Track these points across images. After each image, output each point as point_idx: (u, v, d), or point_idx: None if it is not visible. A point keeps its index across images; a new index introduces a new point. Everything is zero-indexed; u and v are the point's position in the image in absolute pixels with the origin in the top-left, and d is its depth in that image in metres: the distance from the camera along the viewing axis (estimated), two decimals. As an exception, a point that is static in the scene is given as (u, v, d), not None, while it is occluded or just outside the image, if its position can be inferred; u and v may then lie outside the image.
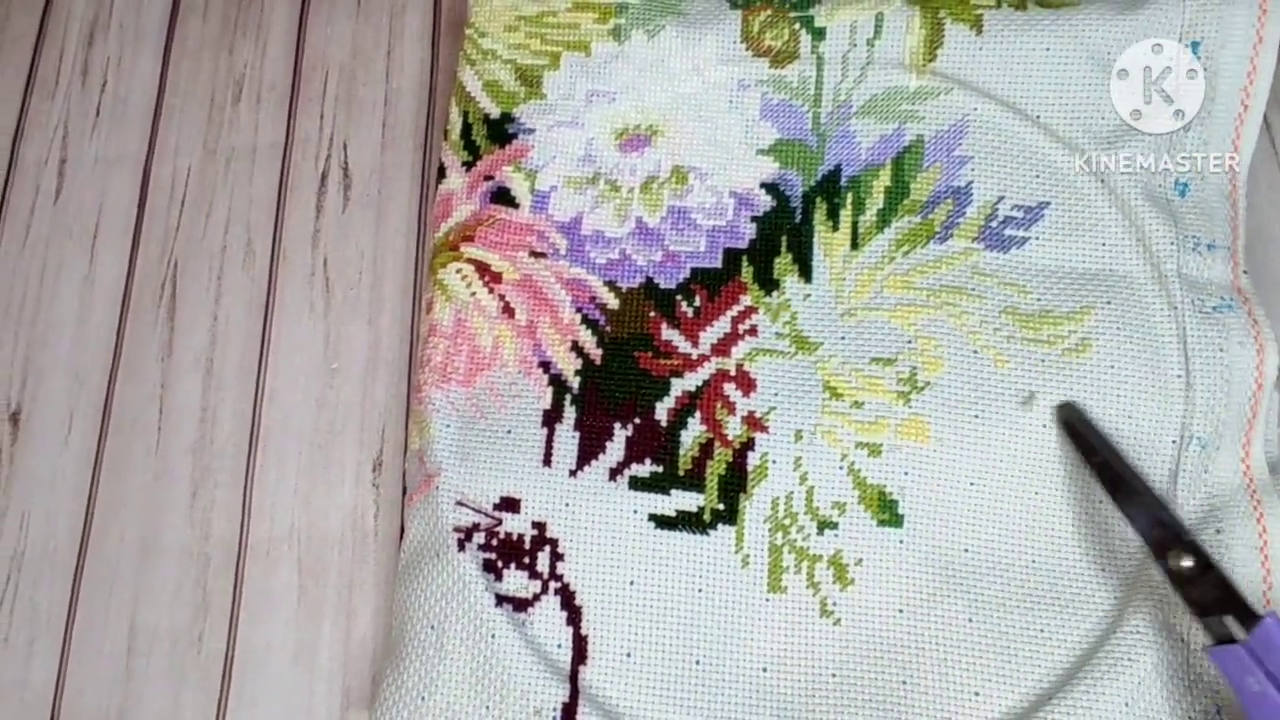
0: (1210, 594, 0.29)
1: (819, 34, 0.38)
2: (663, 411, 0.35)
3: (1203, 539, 0.32)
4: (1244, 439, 0.33)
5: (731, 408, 0.34)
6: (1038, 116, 0.36)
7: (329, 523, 0.37)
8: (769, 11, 0.38)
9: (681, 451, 0.34)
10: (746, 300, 0.36)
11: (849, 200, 0.37)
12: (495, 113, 0.39)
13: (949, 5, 0.37)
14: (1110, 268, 0.35)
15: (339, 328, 0.40)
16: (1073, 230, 0.35)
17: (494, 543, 0.34)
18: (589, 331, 0.36)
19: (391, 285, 0.40)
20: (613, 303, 0.36)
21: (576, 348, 0.36)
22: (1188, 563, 0.30)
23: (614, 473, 0.34)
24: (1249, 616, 0.28)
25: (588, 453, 0.34)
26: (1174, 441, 0.33)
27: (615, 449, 0.34)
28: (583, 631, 0.33)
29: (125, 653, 0.36)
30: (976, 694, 0.31)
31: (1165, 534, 0.30)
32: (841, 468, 0.34)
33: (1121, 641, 0.31)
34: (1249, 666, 0.27)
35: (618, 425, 0.35)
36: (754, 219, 0.37)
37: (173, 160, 0.43)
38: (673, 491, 0.34)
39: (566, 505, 0.34)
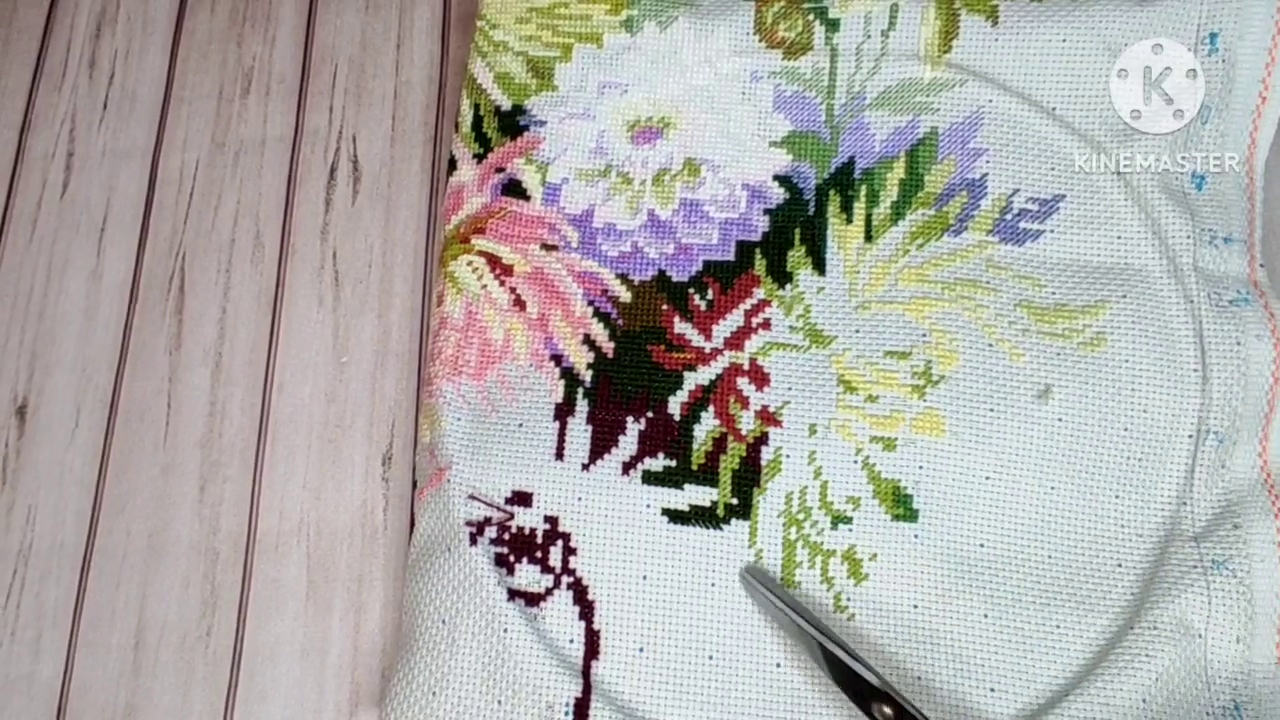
0: None
1: (833, 25, 0.37)
2: (675, 405, 0.34)
3: (1220, 534, 0.32)
4: (1261, 433, 0.33)
5: (745, 402, 0.34)
6: (1053, 109, 0.36)
7: (338, 517, 0.37)
8: (782, 3, 0.38)
9: (695, 446, 0.34)
10: (760, 293, 0.35)
11: (863, 193, 0.36)
12: (507, 105, 0.38)
13: (964, -4, 0.37)
14: (1126, 261, 0.34)
15: (348, 321, 0.39)
16: (1088, 223, 0.35)
17: (506, 537, 0.33)
18: (601, 324, 0.36)
19: (401, 278, 0.40)
20: (625, 296, 0.36)
21: (589, 341, 0.35)
22: (889, 710, 0.29)
23: (627, 467, 0.34)
24: None
25: (600, 446, 0.34)
26: (1190, 436, 0.33)
27: (628, 443, 0.34)
28: (595, 626, 0.33)
29: (133, 647, 0.36)
30: (992, 690, 0.31)
31: (862, 686, 0.29)
32: (856, 462, 0.33)
33: (1139, 638, 0.31)
34: None
35: (630, 419, 0.34)
36: (767, 211, 0.37)
37: (181, 153, 0.43)
38: (686, 486, 0.34)
39: (579, 499, 0.34)
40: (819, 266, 0.36)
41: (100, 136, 0.43)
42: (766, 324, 0.35)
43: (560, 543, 0.33)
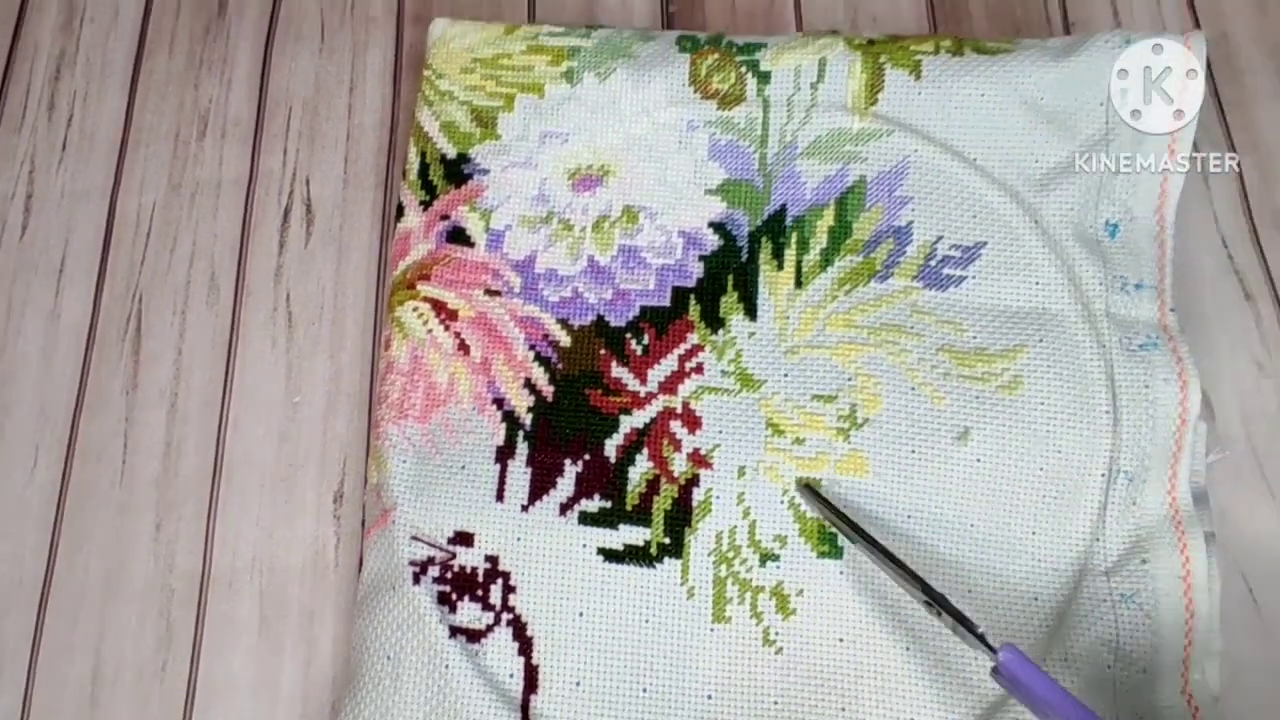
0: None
1: (764, 77, 0.39)
2: (612, 448, 0.36)
3: (1129, 569, 0.34)
4: (1170, 472, 0.34)
5: (678, 445, 0.36)
6: (974, 159, 0.37)
7: (290, 554, 0.38)
8: (716, 55, 0.39)
9: (629, 487, 0.35)
10: (694, 338, 0.37)
11: (794, 239, 0.38)
12: (452, 153, 0.40)
13: (889, 51, 0.38)
14: (1043, 306, 0.36)
15: (301, 362, 0.41)
16: (1008, 269, 0.36)
17: (448, 576, 0.35)
18: (541, 369, 0.37)
19: (352, 320, 0.41)
20: (565, 340, 0.37)
21: (529, 385, 0.37)
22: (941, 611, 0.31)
23: (564, 508, 0.35)
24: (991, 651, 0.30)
25: (539, 488, 0.35)
26: (1102, 475, 0.34)
27: (566, 485, 0.35)
28: (534, 661, 0.34)
29: (90, 683, 0.37)
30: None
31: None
32: (783, 502, 0.35)
33: (1052, 669, 0.33)
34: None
35: (568, 461, 0.36)
36: (702, 258, 0.38)
37: (138, 195, 0.44)
38: (621, 526, 0.35)
39: (518, 539, 0.35)
40: (751, 312, 0.37)
41: (59, 178, 0.44)
42: (699, 368, 0.36)
43: (500, 581, 0.35)
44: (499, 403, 0.37)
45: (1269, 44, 0.42)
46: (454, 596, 0.34)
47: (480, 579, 0.35)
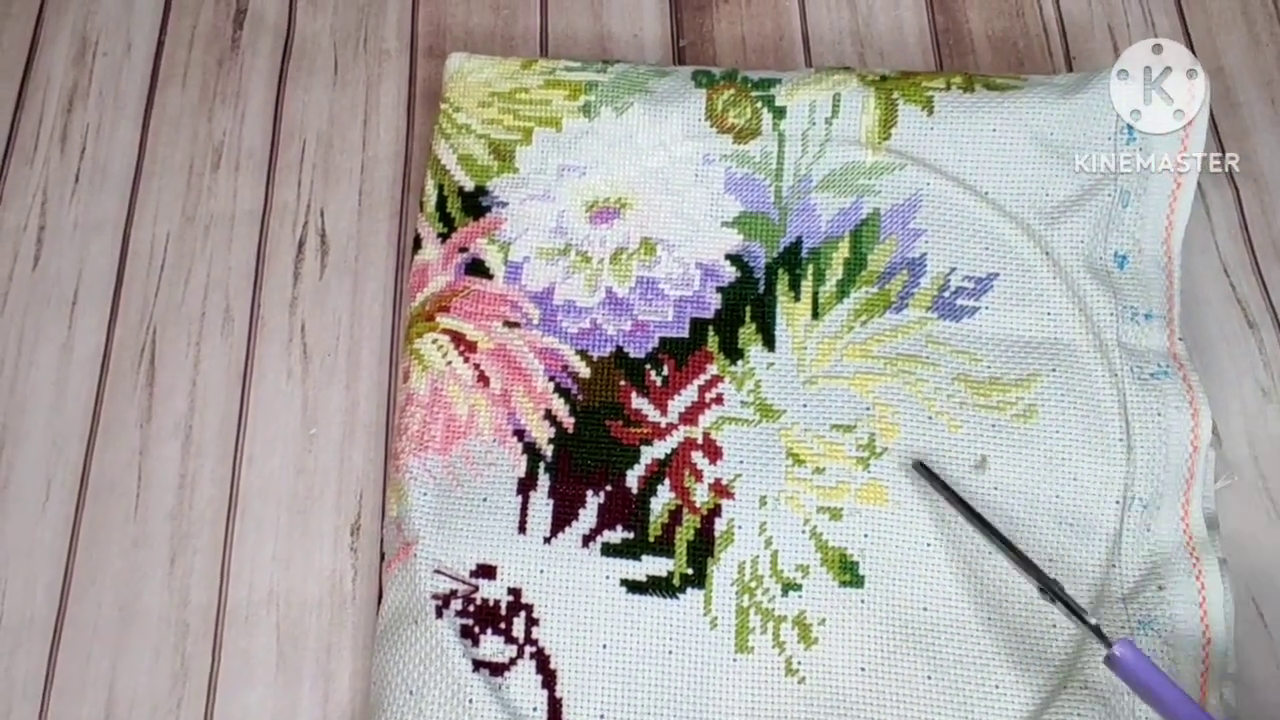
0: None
1: (780, 112, 0.40)
2: (633, 479, 0.36)
3: (1145, 595, 0.34)
4: (1183, 499, 0.35)
5: (699, 475, 0.36)
6: (986, 192, 0.38)
7: (307, 587, 0.38)
8: (732, 91, 0.40)
9: (651, 518, 0.35)
10: (713, 369, 0.37)
11: (810, 271, 0.38)
12: (469, 185, 0.40)
13: (902, 87, 0.39)
14: (1055, 336, 0.37)
15: (316, 393, 0.41)
16: (1020, 300, 0.37)
17: (471, 609, 0.35)
18: (562, 400, 0.37)
19: (368, 350, 0.41)
20: (584, 371, 0.38)
21: (550, 416, 0.37)
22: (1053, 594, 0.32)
23: (587, 539, 0.35)
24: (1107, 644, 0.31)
25: (561, 520, 0.35)
26: (1117, 502, 0.35)
27: (588, 516, 0.35)
28: (557, 694, 0.34)
29: (103, 720, 0.36)
30: (935, 749, 0.33)
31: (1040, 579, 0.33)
32: (804, 532, 0.35)
33: (1072, 696, 0.33)
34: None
35: (590, 493, 0.36)
36: (719, 289, 0.38)
37: (152, 227, 0.44)
38: (643, 557, 0.35)
39: (541, 572, 0.35)
40: (769, 343, 0.38)
41: (72, 210, 0.44)
42: (719, 399, 0.37)
43: (523, 614, 0.35)
44: (520, 434, 0.37)
45: (1264, 77, 0.44)
46: (477, 630, 0.34)
47: (503, 612, 0.35)
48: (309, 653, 0.37)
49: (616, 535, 0.35)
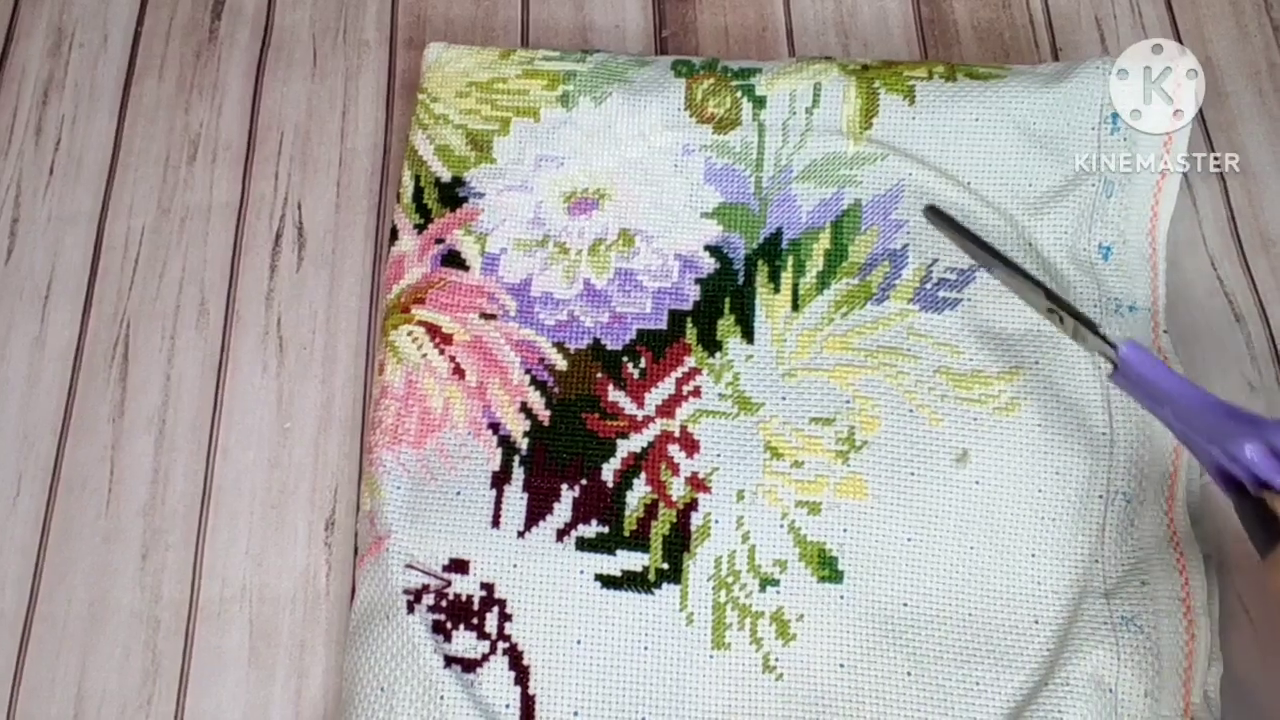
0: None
1: (760, 102, 0.39)
2: (609, 473, 0.35)
3: (1129, 591, 0.34)
4: (1167, 494, 0.34)
5: (675, 469, 0.35)
6: (969, 183, 0.38)
7: (281, 583, 0.37)
8: (712, 80, 0.39)
9: (627, 512, 0.35)
10: (690, 362, 0.37)
11: (790, 262, 0.38)
12: (446, 176, 0.39)
13: (883, 76, 0.39)
14: (1038, 329, 0.36)
15: (292, 387, 0.40)
16: (1002, 292, 0.37)
17: (443, 604, 0.34)
18: (538, 393, 0.37)
19: (344, 344, 0.41)
20: (561, 364, 0.37)
21: (525, 409, 0.36)
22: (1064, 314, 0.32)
23: (561, 534, 0.35)
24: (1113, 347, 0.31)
25: (535, 514, 0.35)
26: (1100, 497, 0.34)
27: (562, 510, 0.35)
28: (530, 691, 0.33)
29: (72, 717, 0.36)
30: (915, 747, 0.32)
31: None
32: (782, 526, 0.35)
33: (1054, 693, 0.32)
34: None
35: (565, 486, 0.35)
36: (698, 281, 0.38)
37: (127, 219, 0.43)
38: (618, 552, 0.34)
39: (514, 566, 0.34)
40: (748, 335, 0.37)
41: (46, 202, 0.44)
42: (697, 392, 0.36)
43: (496, 609, 0.34)
44: (495, 427, 0.36)
45: (1252, 68, 0.43)
46: (449, 625, 0.34)
47: (475, 607, 0.34)
48: (282, 649, 0.36)
49: (591, 530, 0.35)
